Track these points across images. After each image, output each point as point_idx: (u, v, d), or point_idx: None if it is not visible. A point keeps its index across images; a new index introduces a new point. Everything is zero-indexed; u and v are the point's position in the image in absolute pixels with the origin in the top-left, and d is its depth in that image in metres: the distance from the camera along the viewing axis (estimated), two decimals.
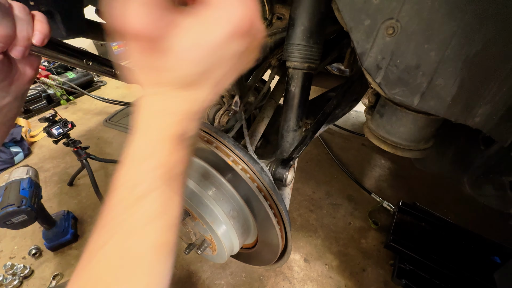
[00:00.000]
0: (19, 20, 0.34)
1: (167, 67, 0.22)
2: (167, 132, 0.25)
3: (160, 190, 0.26)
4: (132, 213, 0.25)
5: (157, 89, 0.24)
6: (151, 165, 0.25)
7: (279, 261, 0.75)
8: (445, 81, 0.42)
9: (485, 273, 1.15)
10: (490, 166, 0.62)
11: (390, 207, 1.55)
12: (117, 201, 0.26)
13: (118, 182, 0.27)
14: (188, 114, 0.25)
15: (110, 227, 0.26)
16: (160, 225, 0.27)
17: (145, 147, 0.26)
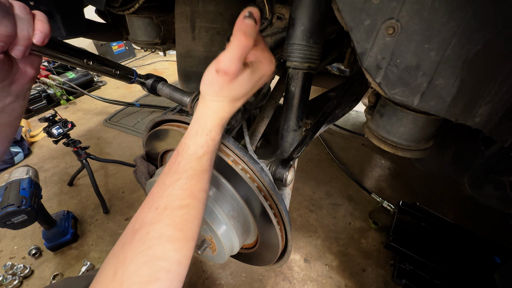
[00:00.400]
0: (19, 19, 0.34)
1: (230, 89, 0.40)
2: (220, 121, 0.44)
3: (211, 154, 0.44)
4: (197, 163, 0.41)
5: (219, 98, 0.42)
6: (210, 137, 0.43)
7: (279, 261, 0.75)
8: (445, 81, 0.41)
9: (485, 273, 1.15)
10: (490, 166, 0.62)
11: (390, 207, 1.55)
12: (188, 154, 0.42)
13: (189, 143, 0.42)
14: (231, 113, 0.45)
15: (182, 169, 0.41)
16: (207, 176, 0.43)
17: (207, 126, 0.43)
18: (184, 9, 0.88)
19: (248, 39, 0.35)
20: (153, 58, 4.42)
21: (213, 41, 0.87)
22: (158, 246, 0.35)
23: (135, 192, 1.74)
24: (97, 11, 1.23)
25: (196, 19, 0.86)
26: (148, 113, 2.69)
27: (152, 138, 0.73)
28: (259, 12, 0.35)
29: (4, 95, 0.43)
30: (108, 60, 0.47)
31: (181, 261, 0.36)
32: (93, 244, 1.42)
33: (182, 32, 0.91)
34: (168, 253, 0.35)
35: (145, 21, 1.14)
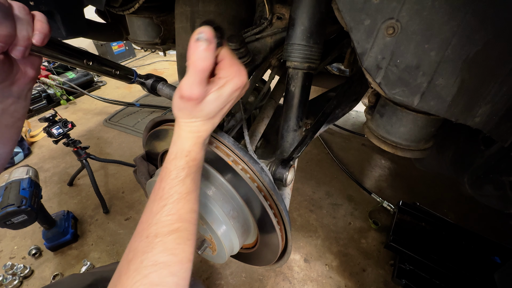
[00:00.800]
0: (19, 20, 0.34)
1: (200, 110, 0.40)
2: (198, 140, 0.44)
3: (194, 174, 0.44)
4: (180, 186, 0.42)
5: (191, 119, 0.42)
6: (189, 158, 0.43)
7: (279, 261, 0.75)
8: (446, 81, 0.41)
9: (485, 273, 1.15)
10: (490, 166, 0.62)
11: (390, 207, 1.55)
12: (171, 179, 0.42)
13: (170, 167, 0.43)
14: (208, 131, 0.44)
15: (167, 195, 0.41)
16: (194, 196, 0.44)
17: (185, 148, 0.43)
18: (184, 9, 0.88)
19: (203, 63, 0.34)
20: (153, 58, 4.42)
21: None
22: (154, 274, 0.36)
23: (135, 192, 1.74)
24: (97, 11, 1.24)
25: (196, 19, 0.86)
26: (148, 113, 2.69)
27: (152, 138, 0.73)
28: (211, 30, 0.33)
29: (5, 96, 0.43)
30: (108, 60, 0.47)
31: (178, 283, 0.37)
32: (93, 244, 1.42)
33: (182, 32, 0.91)
34: (164, 278, 0.36)
35: (145, 21, 1.14)
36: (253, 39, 0.73)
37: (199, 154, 0.44)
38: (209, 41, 0.33)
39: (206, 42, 0.33)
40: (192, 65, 0.34)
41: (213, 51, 0.34)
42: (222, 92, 0.39)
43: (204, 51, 0.33)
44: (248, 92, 0.92)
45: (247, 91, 0.90)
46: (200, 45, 0.33)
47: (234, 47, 0.65)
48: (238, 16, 0.87)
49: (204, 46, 0.33)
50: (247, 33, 0.72)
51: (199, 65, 0.34)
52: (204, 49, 0.33)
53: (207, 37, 0.33)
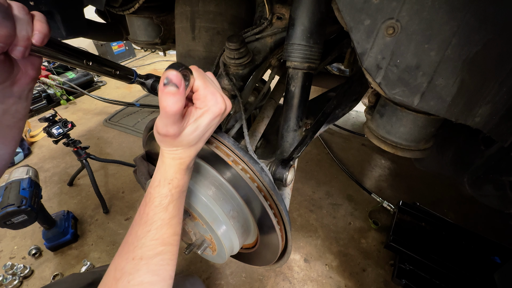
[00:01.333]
0: (18, 20, 0.34)
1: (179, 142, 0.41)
2: (181, 166, 0.45)
3: (177, 201, 0.46)
4: (163, 213, 0.44)
5: (173, 148, 0.43)
6: (172, 185, 0.45)
7: (279, 261, 0.75)
8: (445, 81, 0.41)
9: (485, 273, 1.15)
10: (490, 166, 0.62)
11: (390, 207, 1.55)
12: (154, 206, 0.44)
13: (154, 194, 0.45)
14: (191, 157, 0.45)
15: (151, 221, 0.44)
16: (176, 220, 0.47)
17: (168, 176, 0.45)
18: (184, 9, 0.88)
19: (172, 107, 0.34)
20: (153, 58, 4.42)
21: (213, 41, 0.88)
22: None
23: (135, 192, 1.74)
24: (97, 11, 1.24)
25: (196, 19, 0.86)
26: (148, 113, 2.69)
27: (152, 138, 0.73)
28: (178, 74, 0.33)
29: (6, 96, 0.43)
30: (108, 60, 0.47)
31: None
32: (93, 244, 1.42)
33: (182, 32, 0.91)
34: None
35: (145, 21, 1.14)
36: (253, 39, 0.73)
37: (182, 181, 0.46)
38: (176, 85, 0.33)
39: (173, 87, 0.33)
40: (163, 109, 0.35)
41: (182, 94, 0.34)
42: (200, 122, 0.40)
43: (172, 96, 0.33)
44: (248, 92, 0.92)
45: (247, 91, 0.90)
46: (168, 90, 0.33)
47: (234, 47, 0.65)
48: (238, 16, 0.87)
49: (172, 91, 0.33)
50: (247, 33, 0.72)
51: (169, 110, 0.34)
52: (172, 94, 0.33)
53: (175, 82, 0.33)
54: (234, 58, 0.68)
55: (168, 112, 0.35)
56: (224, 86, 0.71)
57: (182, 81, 0.34)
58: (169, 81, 0.33)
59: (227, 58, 0.70)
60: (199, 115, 0.40)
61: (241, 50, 0.67)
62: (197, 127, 0.40)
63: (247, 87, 0.89)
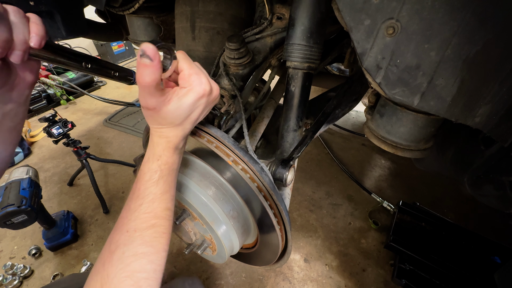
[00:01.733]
0: (15, 24, 0.34)
1: (163, 118, 0.43)
2: (168, 144, 0.46)
3: (167, 177, 0.47)
4: (154, 188, 0.46)
5: (158, 126, 0.45)
6: (161, 162, 0.47)
7: (279, 261, 0.75)
8: (445, 81, 0.42)
9: (485, 273, 1.15)
10: (490, 166, 0.62)
11: (390, 207, 1.55)
12: (145, 181, 0.46)
13: (145, 170, 0.47)
14: (178, 137, 0.46)
15: (142, 195, 0.45)
16: (168, 196, 0.48)
17: (156, 152, 0.47)
18: (184, 9, 0.88)
19: (145, 78, 0.35)
20: None
21: (213, 41, 0.87)
22: (135, 262, 0.41)
23: None
24: (97, 11, 1.23)
25: (196, 19, 0.86)
26: None
27: None
28: (153, 47, 0.34)
29: (5, 101, 0.44)
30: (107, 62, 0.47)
31: (156, 269, 0.44)
32: (93, 244, 1.42)
33: (182, 32, 0.91)
34: (144, 266, 0.42)
35: (145, 21, 1.14)
36: (253, 39, 0.73)
37: (171, 158, 0.47)
38: (150, 58, 0.34)
39: (147, 59, 0.34)
40: (137, 81, 0.36)
41: (156, 67, 0.35)
42: (183, 101, 0.42)
43: (145, 68, 0.35)
44: (248, 92, 0.92)
45: (247, 91, 0.90)
46: (142, 62, 0.34)
47: (234, 47, 0.65)
48: (238, 16, 0.87)
49: (145, 63, 0.34)
50: (247, 33, 0.72)
51: (142, 81, 0.36)
52: (145, 66, 0.34)
53: (148, 54, 0.34)
54: (234, 58, 0.68)
55: (141, 83, 0.36)
56: (224, 86, 0.71)
57: (157, 56, 0.35)
58: (144, 53, 0.34)
59: (227, 58, 0.70)
60: (182, 94, 0.42)
61: (241, 50, 0.67)
62: (180, 105, 0.42)
63: (247, 87, 0.89)
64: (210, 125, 0.61)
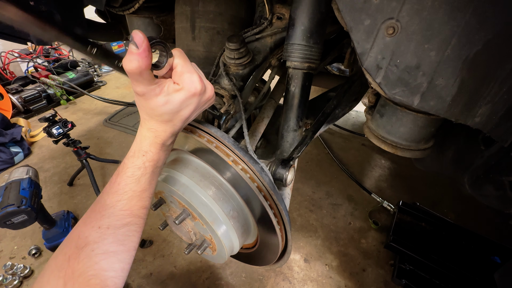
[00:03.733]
0: None
1: (151, 109, 0.42)
2: (156, 140, 0.46)
3: (150, 175, 0.47)
4: (135, 185, 0.45)
5: (147, 117, 0.45)
6: (147, 158, 0.46)
7: (279, 261, 0.75)
8: (445, 81, 0.42)
9: (485, 273, 1.15)
10: (490, 166, 0.62)
11: (390, 207, 1.55)
12: (127, 176, 0.45)
13: (128, 164, 0.45)
14: (166, 132, 0.46)
15: (122, 191, 0.44)
16: (147, 194, 0.47)
17: (142, 147, 0.46)
18: (184, 9, 0.88)
19: (128, 64, 0.35)
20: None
21: (213, 41, 0.87)
22: (104, 261, 0.40)
23: None
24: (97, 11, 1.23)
25: (196, 19, 0.86)
26: None
27: None
28: (141, 35, 0.34)
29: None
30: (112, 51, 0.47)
31: (124, 268, 0.43)
32: None
33: (182, 32, 0.91)
34: (113, 264, 0.41)
35: (145, 21, 1.14)
36: (253, 39, 0.73)
37: (157, 155, 0.47)
38: (137, 45, 0.34)
39: (134, 45, 0.34)
40: (123, 66, 0.37)
41: (141, 56, 0.35)
42: (173, 97, 0.41)
43: (131, 54, 0.35)
44: (248, 92, 0.92)
45: (247, 91, 0.90)
46: (129, 48, 0.35)
47: (234, 47, 0.65)
48: (238, 16, 0.87)
49: (131, 49, 0.35)
50: (247, 33, 0.72)
51: (126, 66, 0.36)
52: (130, 53, 0.35)
53: (136, 41, 0.34)
54: (234, 58, 0.68)
55: (126, 69, 0.36)
56: (224, 86, 0.71)
57: (145, 45, 0.35)
58: (132, 39, 0.34)
59: (227, 58, 0.70)
60: (173, 90, 0.41)
61: (241, 50, 0.67)
62: (169, 101, 0.41)
63: (247, 87, 0.89)
64: (210, 125, 0.61)
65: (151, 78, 0.39)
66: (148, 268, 1.31)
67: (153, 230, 1.48)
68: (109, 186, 0.45)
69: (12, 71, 3.15)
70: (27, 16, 0.35)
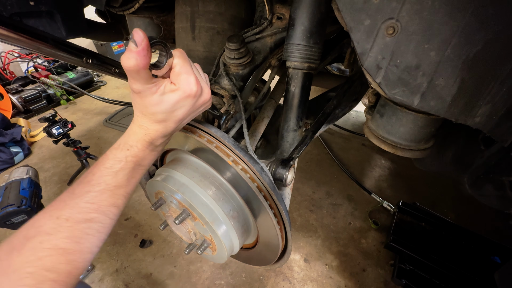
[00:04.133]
0: None
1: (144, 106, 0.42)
2: (144, 137, 0.44)
3: (129, 171, 0.44)
4: (111, 178, 0.42)
5: (140, 114, 0.44)
6: (130, 153, 0.44)
7: (279, 261, 0.75)
8: (445, 81, 0.42)
9: (485, 273, 1.15)
10: (490, 166, 0.62)
11: (390, 207, 1.55)
12: (104, 167, 0.42)
13: (109, 155, 0.43)
14: (157, 132, 0.44)
15: (95, 181, 0.41)
16: (121, 192, 0.44)
17: (129, 141, 0.44)
18: (184, 9, 0.88)
19: (126, 61, 0.35)
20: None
21: (213, 41, 0.87)
22: (50, 258, 0.35)
23: (135, 192, 1.74)
24: (97, 11, 1.23)
25: (196, 19, 0.86)
26: None
27: None
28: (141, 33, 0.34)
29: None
30: (108, 58, 0.47)
31: (71, 272, 0.37)
32: None
33: (182, 32, 0.91)
34: (59, 265, 0.35)
35: (145, 21, 1.14)
36: (253, 39, 0.73)
37: (142, 153, 0.45)
38: (136, 43, 0.34)
39: (133, 43, 0.34)
40: (121, 63, 0.37)
41: (139, 54, 0.35)
42: (168, 97, 0.41)
43: (129, 52, 0.35)
44: (248, 92, 0.92)
45: (247, 91, 0.90)
46: (128, 46, 0.35)
47: (234, 47, 0.65)
48: (238, 16, 0.87)
49: (130, 47, 0.35)
50: (247, 33, 0.72)
51: (124, 64, 0.36)
52: (129, 51, 0.35)
53: (135, 39, 0.34)
54: (234, 58, 0.68)
55: (123, 66, 0.36)
56: (224, 86, 0.71)
57: (144, 43, 0.35)
58: (131, 37, 0.35)
59: (227, 58, 0.70)
60: (169, 90, 0.41)
61: (241, 50, 0.67)
62: (163, 100, 0.41)
63: (247, 87, 0.89)
64: (210, 125, 0.61)
65: (149, 77, 0.39)
66: (148, 268, 1.31)
67: (153, 230, 1.48)
68: (84, 176, 0.42)
69: (12, 71, 3.16)
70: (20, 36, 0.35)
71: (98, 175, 0.41)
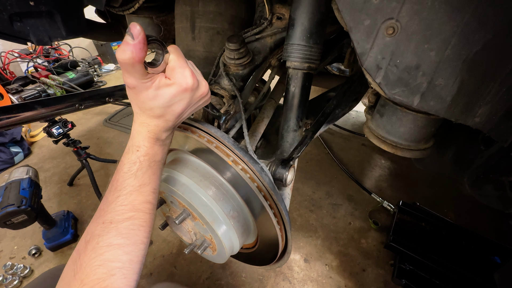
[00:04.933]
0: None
1: (142, 102, 0.43)
2: (148, 134, 0.46)
3: (147, 169, 0.47)
4: (132, 180, 0.45)
5: (139, 111, 0.45)
6: (140, 153, 0.46)
7: (279, 261, 0.75)
8: (445, 81, 0.42)
9: (485, 273, 1.15)
10: (490, 166, 0.62)
11: (390, 207, 1.55)
12: (123, 172, 0.45)
13: (124, 160, 0.46)
14: (159, 127, 0.46)
15: (120, 187, 0.45)
16: (148, 188, 0.47)
17: (135, 143, 0.46)
18: (184, 9, 0.88)
19: (123, 55, 0.35)
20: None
21: (213, 41, 0.87)
22: (109, 252, 0.41)
23: None
24: (97, 11, 1.23)
25: (196, 19, 0.86)
26: None
27: None
28: (138, 27, 0.34)
29: None
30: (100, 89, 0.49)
31: (132, 260, 0.43)
32: None
33: (182, 32, 0.91)
34: (119, 256, 0.42)
35: (145, 21, 1.14)
36: (253, 39, 0.74)
37: (151, 150, 0.47)
38: (132, 36, 0.34)
39: (129, 36, 0.35)
40: (116, 55, 0.37)
41: (135, 47, 0.35)
42: (163, 92, 0.42)
43: (125, 45, 0.35)
44: (248, 92, 0.92)
45: (247, 91, 0.90)
46: (125, 39, 0.35)
47: (234, 47, 0.65)
48: (238, 16, 0.87)
49: (126, 40, 0.35)
50: (247, 33, 0.72)
51: (119, 56, 0.36)
52: (125, 43, 0.35)
53: (132, 32, 0.34)
54: (234, 58, 0.68)
55: (118, 59, 0.36)
56: (224, 86, 0.71)
57: (141, 37, 0.35)
58: (128, 31, 0.35)
59: (227, 58, 0.70)
60: (164, 84, 0.42)
61: (241, 50, 0.67)
62: (159, 95, 0.42)
63: (247, 87, 0.89)
64: (210, 125, 0.61)
65: (144, 71, 0.39)
66: (148, 268, 1.31)
67: (153, 230, 1.48)
68: (110, 184, 0.47)
69: (12, 71, 3.16)
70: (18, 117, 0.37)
71: (121, 180, 0.45)
